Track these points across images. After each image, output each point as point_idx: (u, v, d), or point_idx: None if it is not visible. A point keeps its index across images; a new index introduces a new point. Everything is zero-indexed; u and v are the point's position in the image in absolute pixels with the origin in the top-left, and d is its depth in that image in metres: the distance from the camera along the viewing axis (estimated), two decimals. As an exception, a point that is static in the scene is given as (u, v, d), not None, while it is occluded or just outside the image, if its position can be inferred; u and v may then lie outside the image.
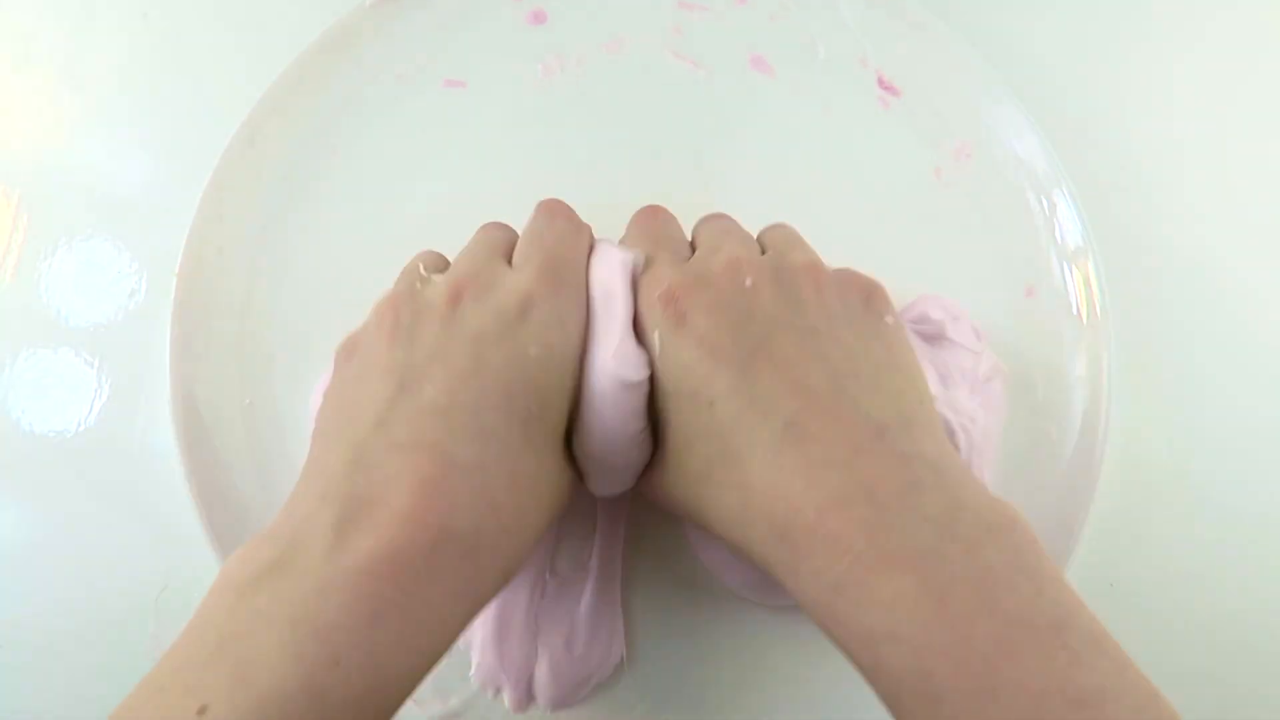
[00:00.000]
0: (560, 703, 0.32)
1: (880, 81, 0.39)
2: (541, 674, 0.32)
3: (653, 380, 0.27)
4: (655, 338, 0.26)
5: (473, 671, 0.32)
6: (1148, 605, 0.36)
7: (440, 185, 0.37)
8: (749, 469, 0.24)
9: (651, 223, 0.30)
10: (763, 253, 0.29)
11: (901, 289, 0.34)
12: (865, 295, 0.28)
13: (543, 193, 0.33)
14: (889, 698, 0.22)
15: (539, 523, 0.25)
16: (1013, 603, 0.21)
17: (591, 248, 0.29)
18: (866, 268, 0.30)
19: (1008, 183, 0.38)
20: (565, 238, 0.28)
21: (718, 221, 0.30)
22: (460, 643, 0.32)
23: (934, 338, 0.34)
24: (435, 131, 0.38)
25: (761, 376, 0.25)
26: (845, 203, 0.37)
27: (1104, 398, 0.35)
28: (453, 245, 0.31)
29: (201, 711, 0.19)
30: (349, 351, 0.28)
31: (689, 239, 0.30)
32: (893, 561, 0.21)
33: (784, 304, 0.26)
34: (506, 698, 0.32)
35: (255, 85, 0.37)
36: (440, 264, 0.29)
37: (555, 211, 0.30)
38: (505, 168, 0.37)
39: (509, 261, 0.28)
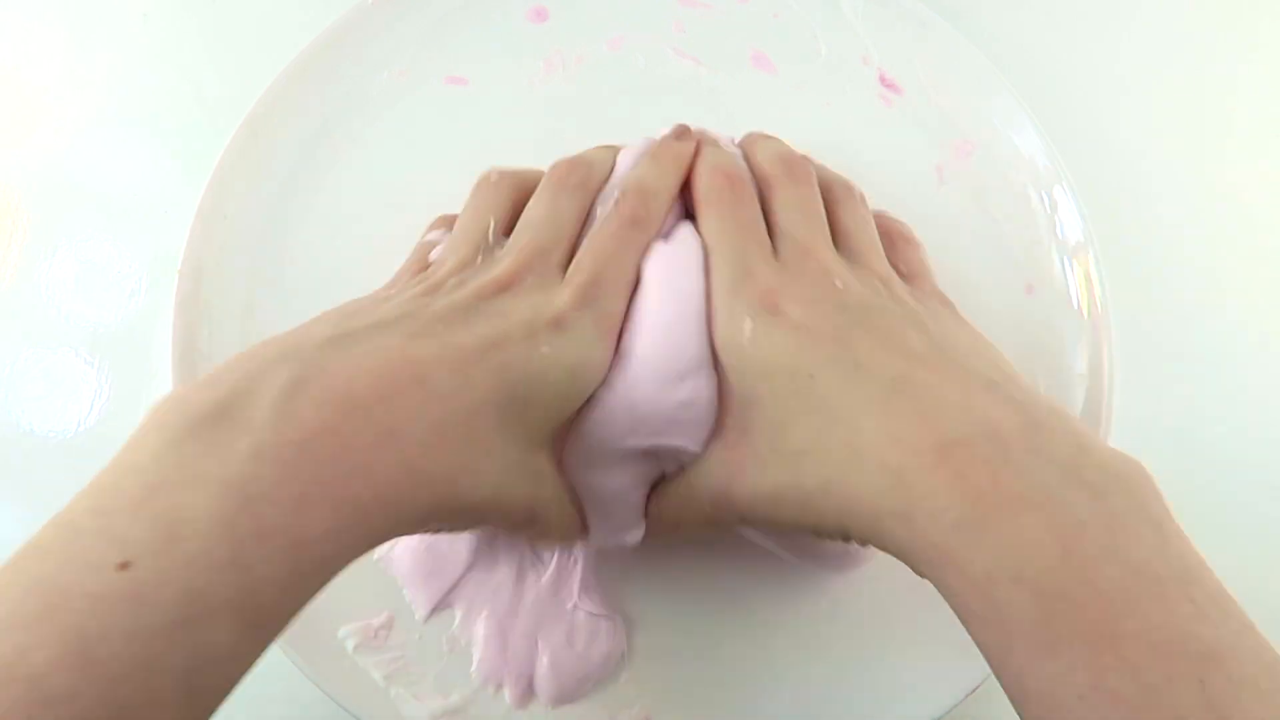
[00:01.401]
0: (561, 699, 0.32)
1: (882, 79, 0.39)
2: (542, 670, 0.32)
3: (735, 370, 0.27)
4: (746, 326, 0.26)
5: (474, 668, 0.32)
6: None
7: (442, 183, 0.37)
8: (859, 427, 0.23)
9: (736, 211, 0.29)
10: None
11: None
12: (941, 300, 0.30)
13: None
14: (999, 646, 0.21)
15: (485, 494, 0.24)
16: (1139, 552, 0.20)
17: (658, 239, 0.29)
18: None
19: (1009, 180, 0.38)
20: (625, 254, 0.28)
21: (791, 190, 0.30)
22: (461, 639, 0.32)
23: None
24: (436, 129, 0.38)
25: (861, 345, 0.25)
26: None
27: (1105, 394, 0.35)
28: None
29: (124, 566, 0.18)
30: (396, 276, 0.30)
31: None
32: (1018, 501, 0.21)
33: (875, 297, 0.27)
34: (507, 694, 0.32)
35: (255, 85, 0.37)
36: (506, 217, 0.30)
37: (625, 219, 0.29)
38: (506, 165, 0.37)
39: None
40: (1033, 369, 0.36)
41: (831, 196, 0.31)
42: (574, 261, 0.28)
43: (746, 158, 0.32)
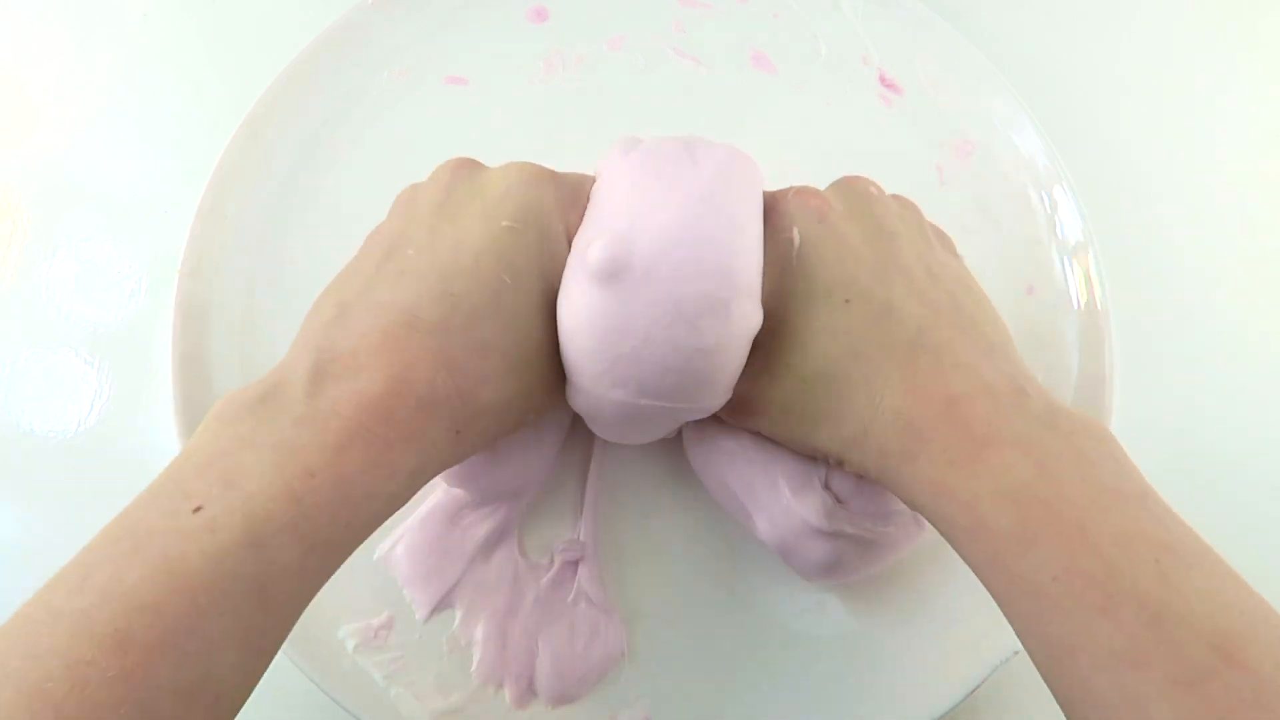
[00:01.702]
0: (561, 699, 0.32)
1: (882, 79, 0.39)
2: (542, 670, 0.32)
3: (781, 278, 0.28)
4: (795, 233, 0.28)
5: (474, 668, 0.32)
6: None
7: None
8: (882, 368, 0.26)
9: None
10: None
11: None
12: (942, 236, 0.31)
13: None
14: (984, 553, 0.24)
15: (507, 394, 0.27)
16: (1103, 475, 0.24)
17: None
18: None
19: (1009, 179, 0.38)
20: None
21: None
22: (461, 639, 0.32)
23: None
24: (436, 129, 0.38)
25: (896, 285, 0.27)
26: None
27: (1105, 394, 0.35)
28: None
29: (197, 510, 0.21)
30: (377, 228, 0.31)
31: None
32: (1004, 440, 0.24)
33: (900, 218, 0.29)
34: (508, 694, 0.32)
35: (255, 84, 0.37)
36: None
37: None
38: (506, 166, 0.37)
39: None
40: (1032, 368, 0.36)
41: None
42: None
43: None
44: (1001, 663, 0.31)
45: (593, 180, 0.30)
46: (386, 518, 0.25)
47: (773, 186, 0.37)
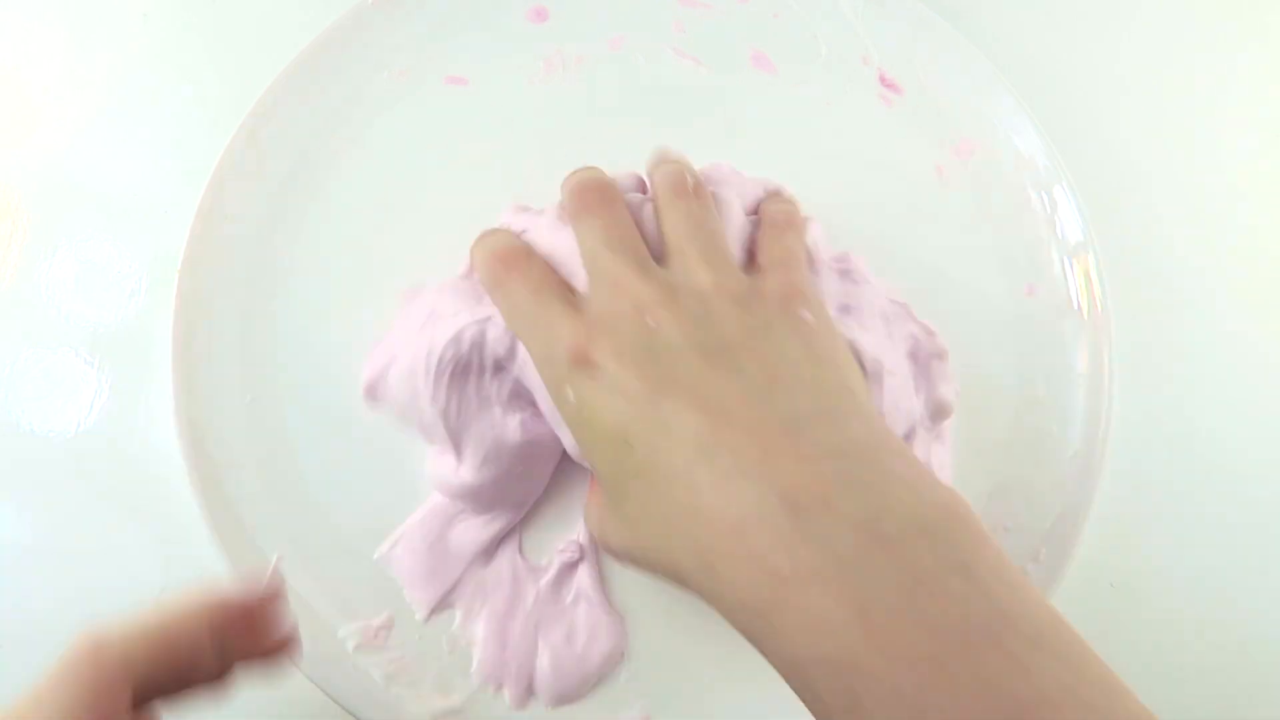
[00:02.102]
0: (561, 699, 0.32)
1: (882, 79, 0.39)
2: (542, 670, 0.32)
3: (574, 433, 0.28)
4: (569, 394, 0.26)
5: (474, 668, 0.32)
6: (1148, 605, 0.36)
7: (441, 182, 0.37)
8: (671, 495, 0.24)
9: (517, 277, 0.29)
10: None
11: (903, 286, 0.34)
12: (782, 301, 0.27)
13: (544, 191, 0.33)
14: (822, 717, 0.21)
15: None
16: (944, 610, 0.19)
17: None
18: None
19: (1009, 180, 0.38)
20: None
21: (598, 214, 0.29)
22: (461, 639, 0.32)
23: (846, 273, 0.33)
24: (436, 129, 0.38)
25: (667, 403, 0.24)
26: (847, 200, 0.37)
27: (1106, 394, 0.35)
28: (453, 243, 0.32)
29: None
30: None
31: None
32: (814, 578, 0.20)
33: (691, 329, 0.26)
34: (508, 694, 0.32)
35: (255, 84, 0.37)
36: None
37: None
38: (506, 165, 0.37)
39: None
40: (1033, 369, 0.36)
41: (657, 202, 0.30)
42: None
43: None
44: None
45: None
46: None
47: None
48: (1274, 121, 0.42)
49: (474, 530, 0.33)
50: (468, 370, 0.31)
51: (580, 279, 0.29)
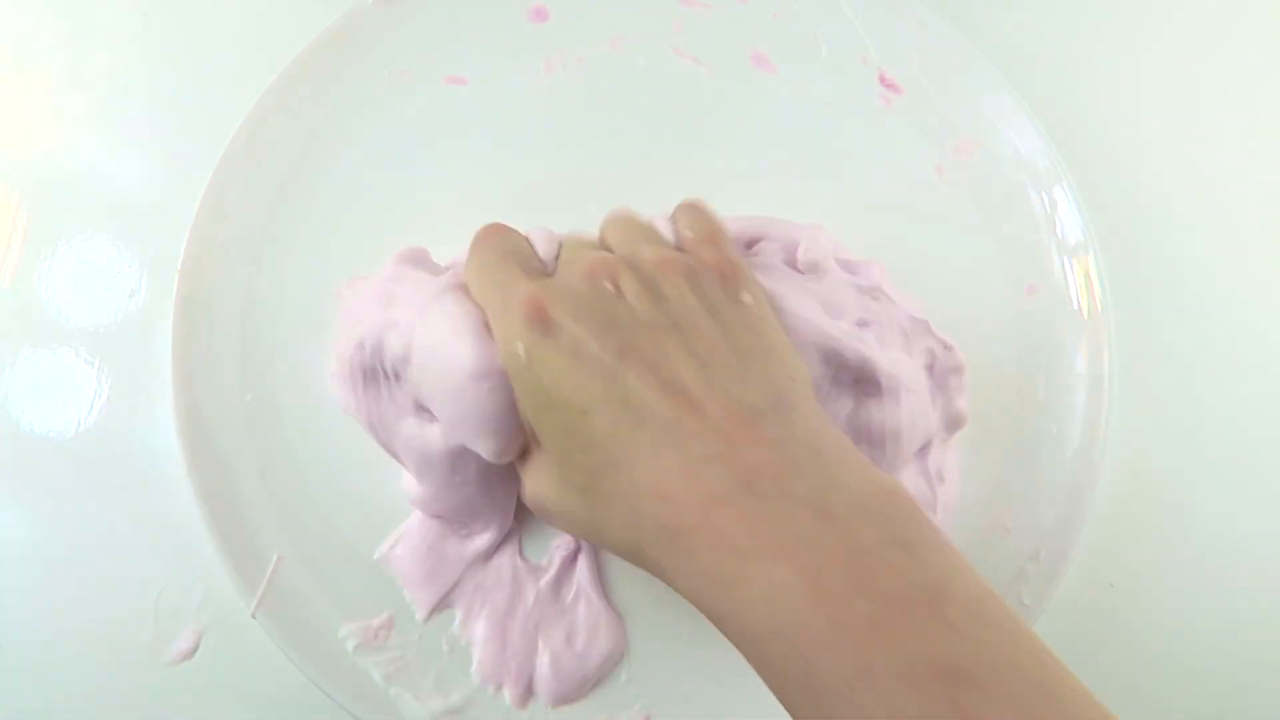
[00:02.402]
0: (561, 699, 0.32)
1: (882, 79, 0.39)
2: (542, 670, 0.32)
3: (521, 394, 0.27)
4: (519, 349, 0.26)
5: (474, 668, 0.32)
6: (1148, 605, 0.36)
7: (441, 183, 0.37)
8: (633, 474, 0.24)
9: (491, 242, 0.29)
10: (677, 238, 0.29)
11: (903, 286, 0.34)
12: (721, 278, 0.28)
13: (544, 191, 0.33)
14: (777, 692, 0.22)
15: None
16: (887, 580, 0.21)
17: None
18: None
19: (1009, 179, 0.38)
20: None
21: (613, 223, 0.30)
22: (461, 639, 0.32)
23: (812, 268, 0.32)
24: (436, 129, 0.38)
25: (631, 379, 0.25)
26: (846, 200, 0.37)
27: (1105, 394, 0.35)
28: (452, 243, 0.32)
29: None
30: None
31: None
32: (770, 551, 0.22)
33: (646, 303, 0.26)
34: (508, 694, 0.32)
35: (255, 84, 0.37)
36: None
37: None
38: (506, 165, 0.37)
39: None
40: (1033, 369, 0.36)
41: (602, 231, 0.31)
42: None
43: None
44: None
45: None
46: None
47: (774, 186, 0.37)
48: (1274, 121, 0.42)
49: (471, 534, 0.33)
50: (376, 377, 0.31)
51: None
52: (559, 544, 0.33)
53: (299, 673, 0.31)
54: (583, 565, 0.33)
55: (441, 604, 0.32)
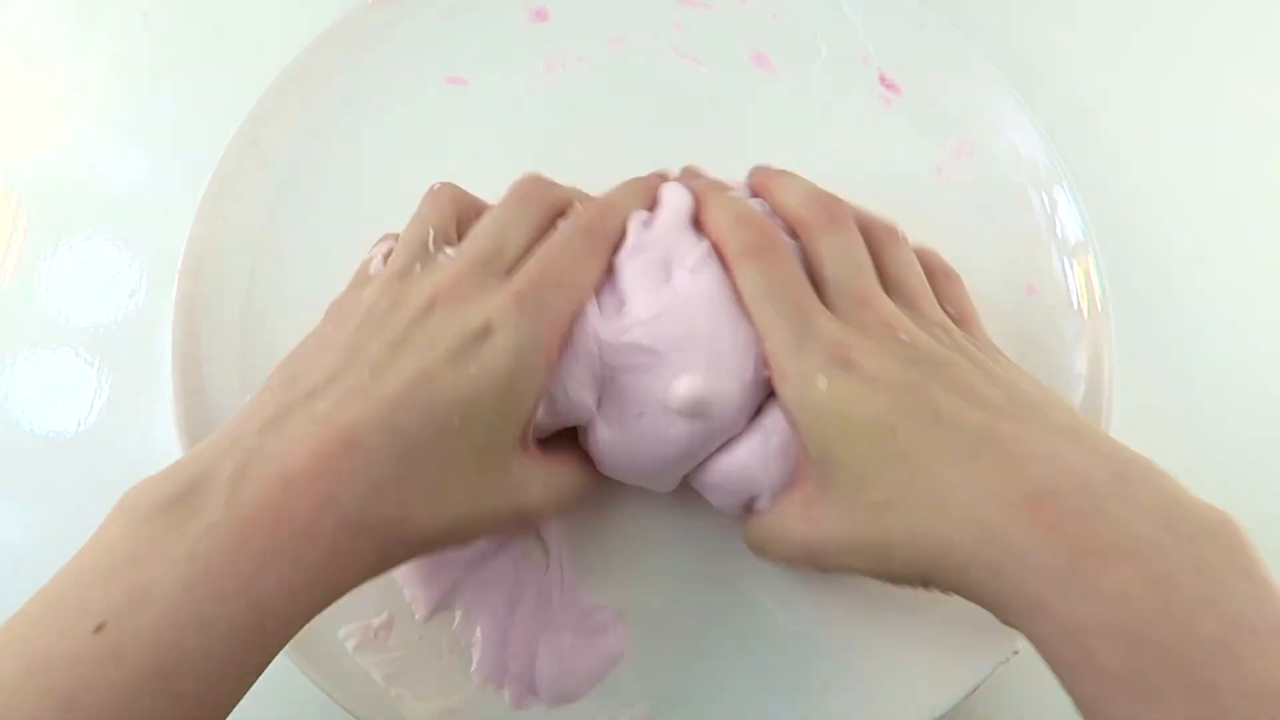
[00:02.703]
0: (561, 699, 0.32)
1: (882, 79, 0.39)
2: (542, 670, 0.32)
3: (813, 424, 0.27)
4: (820, 383, 0.26)
5: (474, 668, 0.32)
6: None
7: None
8: (946, 479, 0.24)
9: (779, 266, 0.29)
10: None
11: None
12: (996, 347, 0.30)
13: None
14: (1091, 698, 0.21)
15: (440, 528, 0.25)
16: (1234, 603, 0.20)
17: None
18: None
19: (1009, 179, 0.38)
20: (575, 261, 0.28)
21: (835, 238, 0.29)
22: (461, 639, 0.32)
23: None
24: (436, 129, 0.38)
25: (939, 398, 0.25)
26: (846, 200, 0.37)
27: (1105, 394, 0.35)
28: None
29: (99, 629, 0.20)
30: (337, 303, 0.30)
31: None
32: (1112, 551, 0.21)
33: (939, 345, 0.27)
34: (507, 694, 0.32)
35: (256, 84, 0.37)
36: (449, 227, 0.30)
37: (579, 228, 0.29)
38: (507, 166, 0.37)
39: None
40: (1033, 369, 0.36)
41: (874, 239, 0.31)
42: (521, 267, 0.28)
43: (770, 198, 0.31)
44: (1001, 663, 0.31)
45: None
46: (298, 631, 0.24)
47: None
48: (1274, 122, 0.42)
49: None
50: None
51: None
52: (559, 544, 0.33)
53: (299, 673, 0.31)
54: (583, 566, 0.33)
55: (441, 604, 0.32)
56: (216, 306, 0.35)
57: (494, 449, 0.26)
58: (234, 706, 0.22)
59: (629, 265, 0.29)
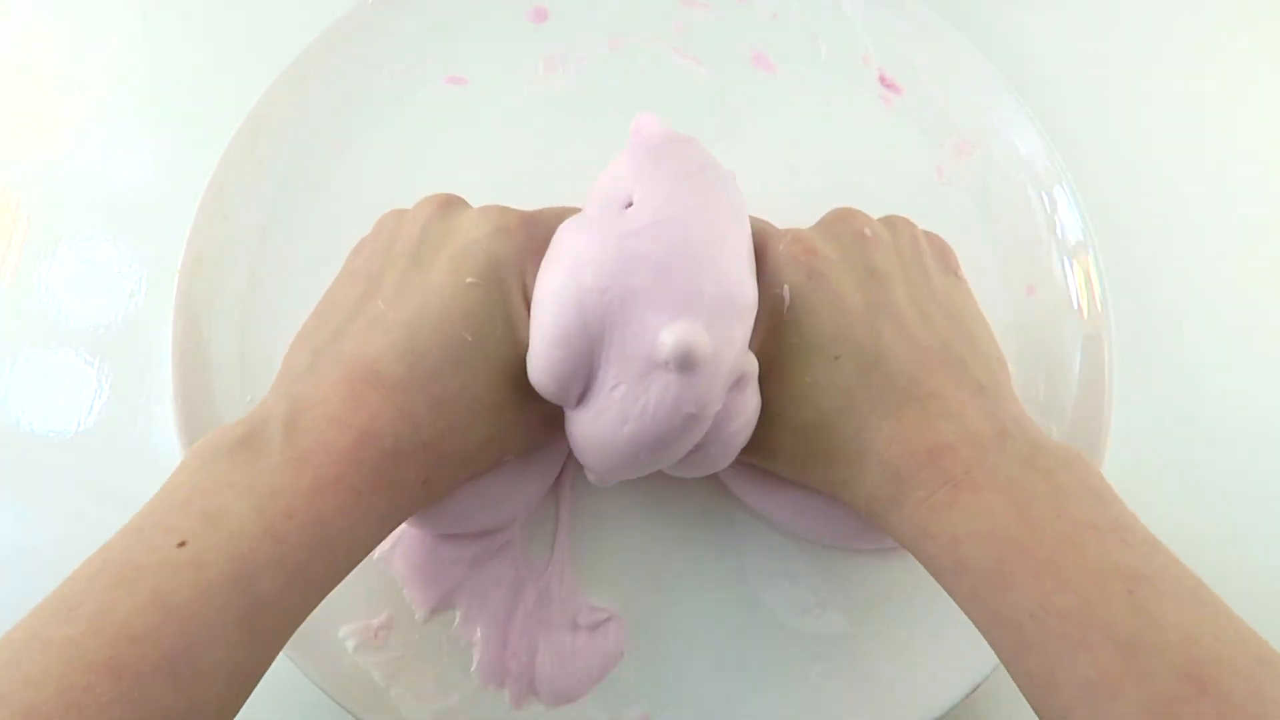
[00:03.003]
0: (561, 699, 0.32)
1: (882, 79, 0.39)
2: (542, 670, 0.32)
3: (761, 331, 0.28)
4: (785, 290, 0.28)
5: (474, 668, 0.32)
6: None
7: (441, 183, 0.37)
8: (870, 420, 0.27)
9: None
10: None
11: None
12: (942, 252, 0.31)
13: (544, 191, 0.33)
14: (965, 591, 0.25)
15: (474, 443, 0.28)
16: (1080, 511, 0.24)
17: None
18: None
19: (1008, 180, 0.38)
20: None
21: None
22: (461, 639, 0.32)
23: None
24: (436, 129, 0.38)
25: (886, 334, 0.28)
26: (847, 200, 0.37)
27: (1105, 394, 0.35)
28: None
29: (181, 544, 0.22)
30: (357, 249, 0.32)
31: None
32: (984, 484, 0.25)
33: (896, 256, 0.29)
34: (507, 694, 0.32)
35: (256, 84, 0.37)
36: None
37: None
38: (506, 165, 0.37)
39: None
40: (1033, 369, 0.36)
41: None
42: None
43: None
44: (1001, 663, 0.31)
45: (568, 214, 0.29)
46: (361, 558, 0.26)
47: (775, 186, 0.37)
48: (1273, 122, 0.42)
49: (471, 536, 0.33)
50: None
51: None
52: (559, 544, 0.33)
53: (299, 673, 0.31)
54: (583, 566, 0.33)
55: (441, 604, 0.32)
56: (216, 306, 0.35)
57: (503, 356, 0.28)
58: (307, 614, 0.24)
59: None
